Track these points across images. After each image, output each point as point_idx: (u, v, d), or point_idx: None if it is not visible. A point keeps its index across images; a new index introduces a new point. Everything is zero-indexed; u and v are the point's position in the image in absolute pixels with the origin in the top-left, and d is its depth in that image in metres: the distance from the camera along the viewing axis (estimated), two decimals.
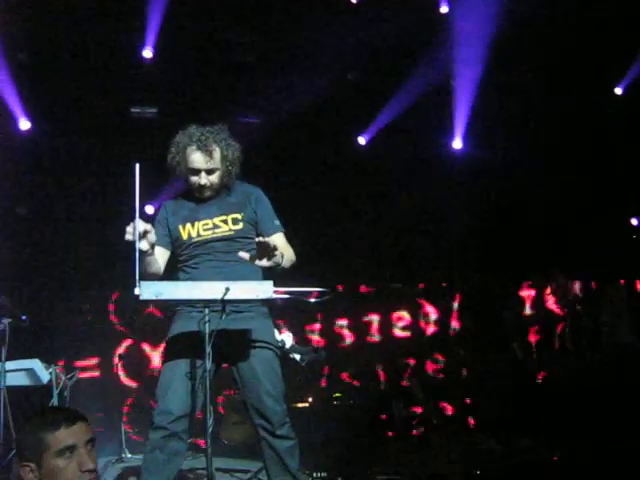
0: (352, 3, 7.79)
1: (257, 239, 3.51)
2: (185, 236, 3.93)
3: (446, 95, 8.69)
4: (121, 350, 7.87)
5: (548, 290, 9.47)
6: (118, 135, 7.91)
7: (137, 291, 3.34)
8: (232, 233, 3.90)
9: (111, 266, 7.40)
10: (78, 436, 2.54)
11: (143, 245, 3.56)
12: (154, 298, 3.40)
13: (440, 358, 9.00)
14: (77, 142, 7.91)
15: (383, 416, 8.03)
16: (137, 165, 3.43)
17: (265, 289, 3.50)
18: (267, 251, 3.50)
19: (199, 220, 3.94)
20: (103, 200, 7.83)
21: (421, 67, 8.26)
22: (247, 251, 3.71)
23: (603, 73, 8.87)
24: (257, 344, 3.84)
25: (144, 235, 3.55)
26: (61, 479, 2.49)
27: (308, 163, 8.61)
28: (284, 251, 3.73)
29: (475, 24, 7.90)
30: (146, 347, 8.07)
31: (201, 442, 3.83)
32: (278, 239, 3.89)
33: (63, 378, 5.65)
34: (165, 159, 3.97)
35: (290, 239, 3.98)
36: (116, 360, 7.54)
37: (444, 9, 8.17)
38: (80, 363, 7.73)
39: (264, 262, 3.54)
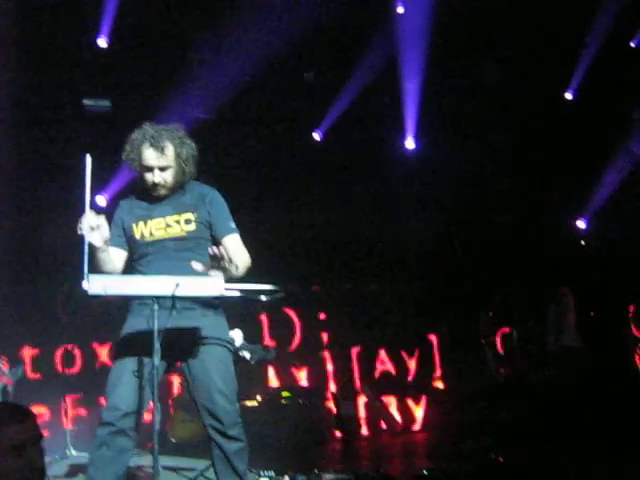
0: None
1: (210, 250, 3.49)
2: (138, 235, 3.90)
3: (396, 95, 8.77)
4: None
5: None
6: (69, 126, 7.79)
7: (85, 285, 3.30)
8: (184, 233, 3.88)
9: (61, 258, 7.29)
10: (27, 434, 2.48)
11: (95, 239, 3.53)
12: (102, 293, 3.36)
13: (389, 359, 9.03)
14: (28, 133, 7.76)
15: (331, 415, 8.07)
16: (88, 157, 3.39)
17: (216, 286, 3.48)
18: (220, 262, 3.49)
19: (152, 219, 3.91)
20: (53, 192, 7.69)
21: (369, 61, 8.34)
22: (199, 252, 3.69)
23: (556, 72, 9.03)
24: (209, 342, 3.81)
25: (96, 228, 3.51)
26: (8, 478, 2.43)
27: (261, 161, 8.61)
28: (237, 254, 3.72)
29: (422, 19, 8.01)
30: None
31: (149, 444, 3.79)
32: (232, 241, 3.87)
33: (7, 372, 5.56)
34: (117, 151, 3.93)
35: (245, 240, 3.96)
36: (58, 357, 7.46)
37: (400, 9, 8.24)
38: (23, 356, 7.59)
39: (217, 272, 3.53)
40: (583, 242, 10.19)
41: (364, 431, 8.34)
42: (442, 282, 9.37)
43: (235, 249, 3.76)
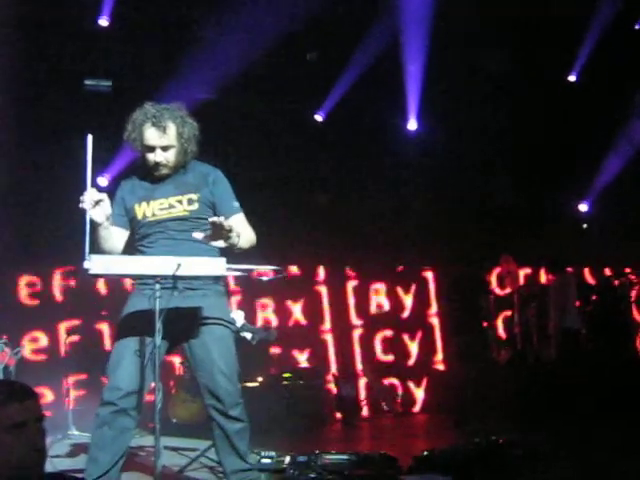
0: None
1: (210, 219, 3.46)
2: (140, 215, 3.88)
3: (399, 77, 8.74)
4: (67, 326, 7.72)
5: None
6: (71, 106, 7.75)
7: (86, 264, 3.28)
8: (186, 213, 3.85)
9: (56, 240, 7.28)
10: (28, 413, 2.45)
11: (97, 215, 3.52)
12: (104, 272, 3.34)
13: (391, 340, 9.04)
14: (28, 112, 7.72)
15: (332, 396, 8.09)
16: (90, 136, 3.38)
17: (217, 266, 3.46)
18: (221, 231, 3.46)
19: (154, 199, 3.88)
20: (55, 172, 7.66)
21: (372, 42, 8.31)
22: (202, 231, 3.67)
23: (559, 55, 8.99)
24: (210, 322, 3.79)
25: (97, 204, 3.49)
26: (8, 457, 2.41)
27: (264, 141, 8.58)
28: (242, 232, 3.69)
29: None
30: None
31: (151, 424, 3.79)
32: (236, 220, 3.84)
33: (9, 352, 5.56)
34: (118, 130, 3.90)
35: (250, 220, 3.94)
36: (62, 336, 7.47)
37: None
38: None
39: (219, 242, 3.51)
40: (585, 225, 10.19)
41: (365, 412, 8.37)
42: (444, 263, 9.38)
43: (240, 228, 3.74)
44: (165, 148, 3.83)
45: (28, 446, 2.43)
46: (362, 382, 8.60)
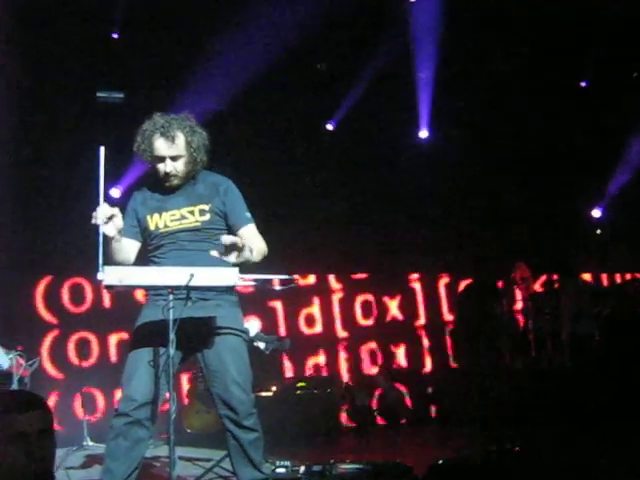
0: None
1: (222, 239, 3.46)
2: (153, 226, 3.89)
3: (409, 85, 8.73)
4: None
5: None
6: (83, 118, 7.80)
7: (100, 276, 3.29)
8: (198, 224, 3.86)
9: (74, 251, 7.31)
10: (30, 424, 2.45)
11: (109, 230, 3.53)
12: (117, 283, 3.34)
13: (406, 348, 9.02)
14: (42, 125, 7.77)
15: (345, 406, 8.06)
16: (102, 148, 3.39)
17: (230, 276, 3.46)
18: (235, 248, 3.46)
19: (167, 210, 3.89)
20: (67, 184, 7.69)
21: (381, 51, 8.31)
22: (213, 242, 3.68)
23: (567, 65, 8.95)
24: (224, 332, 3.79)
25: (110, 219, 3.51)
26: (10, 466, 2.41)
27: (276, 151, 8.60)
28: (254, 244, 3.69)
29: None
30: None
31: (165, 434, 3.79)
32: (248, 231, 3.84)
33: (23, 364, 5.57)
34: (131, 142, 3.91)
35: (261, 230, 3.93)
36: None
37: None
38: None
39: (233, 259, 3.50)
40: (598, 231, 10.14)
41: (379, 421, 8.34)
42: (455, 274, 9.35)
43: (251, 239, 3.74)
44: (174, 158, 3.84)
45: (29, 457, 2.43)
46: (376, 391, 8.57)
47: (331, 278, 9.01)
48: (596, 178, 9.77)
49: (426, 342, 9.16)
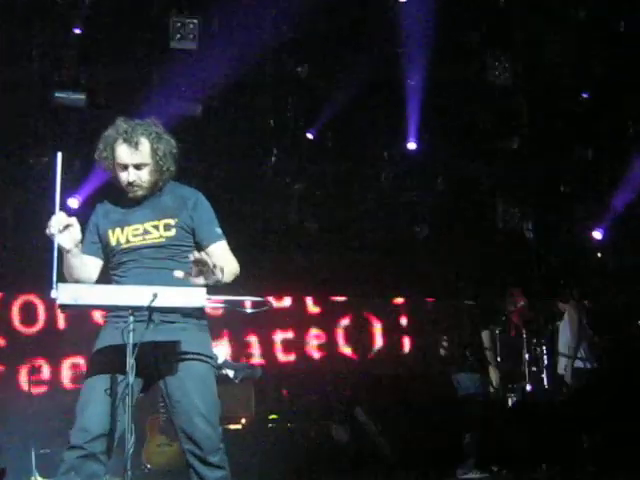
0: None
1: (191, 256, 3.44)
2: (114, 242, 3.87)
3: (398, 95, 8.76)
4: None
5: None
6: (40, 121, 7.77)
7: (54, 294, 3.26)
8: (162, 240, 3.83)
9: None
10: None
11: (65, 241, 3.51)
12: (72, 303, 3.32)
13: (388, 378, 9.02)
14: None
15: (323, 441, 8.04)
16: (59, 154, 3.39)
17: (197, 297, 3.45)
18: (203, 268, 3.45)
19: (129, 224, 3.87)
20: (21, 192, 7.66)
21: (367, 56, 8.33)
22: (179, 259, 3.67)
23: (569, 69, 9.03)
24: (189, 357, 3.76)
25: (66, 228, 3.49)
26: None
27: (250, 162, 8.60)
28: (224, 263, 3.67)
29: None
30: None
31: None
32: (218, 249, 3.83)
33: None
34: (92, 148, 3.91)
35: (232, 247, 3.93)
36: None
37: None
38: None
39: (201, 280, 3.48)
40: (599, 254, 10.21)
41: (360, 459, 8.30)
42: (445, 297, 9.38)
43: (222, 258, 3.72)
44: (138, 166, 3.82)
45: None
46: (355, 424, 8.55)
47: (308, 300, 9.01)
48: (597, 197, 9.85)
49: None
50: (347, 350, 9.13)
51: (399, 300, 9.42)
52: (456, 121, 8.92)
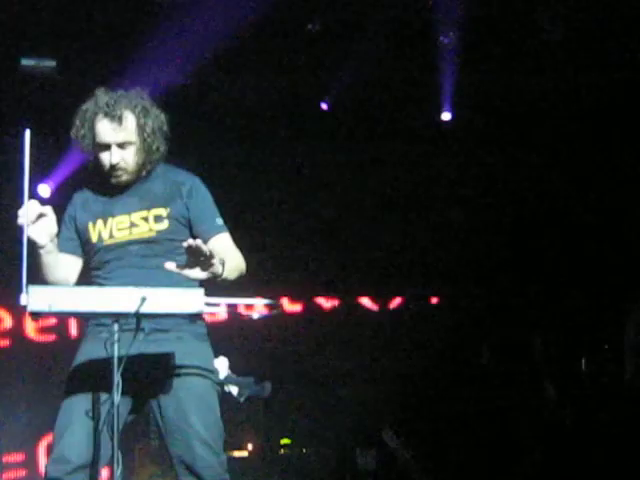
0: None
1: (185, 243, 3.43)
2: (95, 238, 3.89)
3: (429, 54, 8.72)
4: None
5: None
6: (3, 92, 7.78)
7: (24, 299, 3.25)
8: (153, 234, 3.86)
9: None
10: None
11: (37, 234, 3.52)
12: (46, 310, 3.31)
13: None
14: None
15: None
16: (27, 132, 3.39)
17: (194, 300, 3.43)
18: (199, 259, 3.43)
19: (113, 216, 3.90)
20: None
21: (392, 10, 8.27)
22: (173, 257, 3.66)
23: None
24: (186, 373, 3.78)
25: (38, 219, 3.49)
26: None
27: (254, 138, 8.59)
28: (227, 257, 3.67)
29: None
30: None
31: None
32: (220, 242, 3.85)
33: None
34: (65, 125, 3.91)
35: (237, 241, 3.93)
36: None
37: None
38: None
39: (197, 273, 3.47)
40: None
41: None
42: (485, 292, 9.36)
43: (224, 252, 3.72)
44: (122, 145, 3.83)
45: None
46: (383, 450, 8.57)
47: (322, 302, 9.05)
48: None
49: None
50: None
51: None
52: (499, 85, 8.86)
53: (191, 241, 3.42)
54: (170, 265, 3.48)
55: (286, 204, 8.81)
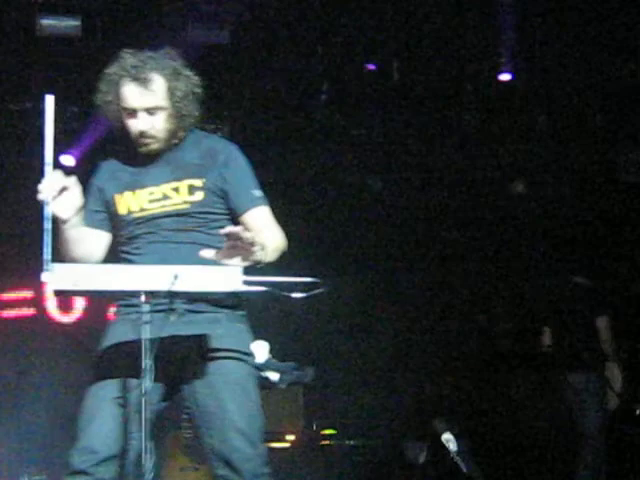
0: None
1: (222, 230, 3.43)
2: (123, 210, 3.89)
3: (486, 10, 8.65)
4: None
5: None
6: (23, 55, 7.81)
7: (45, 277, 3.27)
8: (187, 206, 3.86)
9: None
10: None
11: (61, 208, 3.54)
12: (71, 288, 3.33)
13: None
14: None
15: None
16: (49, 98, 3.40)
17: (231, 278, 3.43)
18: (240, 246, 3.42)
19: (143, 187, 3.90)
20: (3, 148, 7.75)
21: None
22: (208, 232, 3.70)
23: None
24: (223, 357, 3.78)
25: (62, 192, 3.51)
26: None
27: (294, 102, 8.58)
28: (267, 235, 3.67)
29: None
30: None
31: None
32: (258, 217, 3.85)
33: None
34: (89, 90, 3.92)
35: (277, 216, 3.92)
36: None
37: None
38: None
39: (236, 262, 3.45)
40: None
41: None
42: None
43: (263, 227, 3.72)
44: (151, 111, 3.82)
45: None
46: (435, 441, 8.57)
47: None
48: None
49: None
50: None
51: None
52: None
53: (231, 228, 3.43)
54: (206, 253, 3.47)
55: (329, 177, 8.81)
